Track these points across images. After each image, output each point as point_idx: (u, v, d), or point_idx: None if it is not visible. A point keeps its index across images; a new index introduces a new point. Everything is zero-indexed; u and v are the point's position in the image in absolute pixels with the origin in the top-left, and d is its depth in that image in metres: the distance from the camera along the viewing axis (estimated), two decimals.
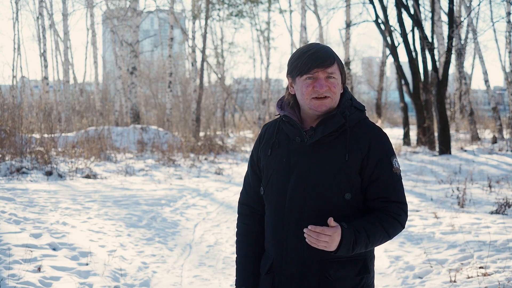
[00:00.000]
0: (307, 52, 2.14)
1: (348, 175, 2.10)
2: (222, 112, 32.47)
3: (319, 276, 2.12)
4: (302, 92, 2.14)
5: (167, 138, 17.65)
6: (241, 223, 2.36)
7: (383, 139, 2.17)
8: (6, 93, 22.16)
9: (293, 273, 2.15)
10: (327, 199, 2.10)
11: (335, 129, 2.12)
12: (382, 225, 2.08)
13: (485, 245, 5.64)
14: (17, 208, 6.90)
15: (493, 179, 10.52)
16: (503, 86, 38.03)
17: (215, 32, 30.95)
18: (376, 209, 2.13)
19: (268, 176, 2.22)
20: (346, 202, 2.11)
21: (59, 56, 29.30)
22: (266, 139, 2.28)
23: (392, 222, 2.10)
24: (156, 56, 40.09)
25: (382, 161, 2.13)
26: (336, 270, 2.11)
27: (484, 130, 23.58)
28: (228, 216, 8.21)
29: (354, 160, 2.11)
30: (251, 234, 2.32)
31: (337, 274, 2.12)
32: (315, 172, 2.12)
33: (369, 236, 2.05)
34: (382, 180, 2.12)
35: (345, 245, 2.01)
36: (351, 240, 2.01)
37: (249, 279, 2.30)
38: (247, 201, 2.35)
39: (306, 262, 2.13)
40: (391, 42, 18.97)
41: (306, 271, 2.13)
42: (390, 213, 2.11)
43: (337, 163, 2.11)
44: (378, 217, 2.09)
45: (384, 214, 2.11)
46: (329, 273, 2.11)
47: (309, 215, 2.11)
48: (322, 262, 2.11)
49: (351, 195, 2.11)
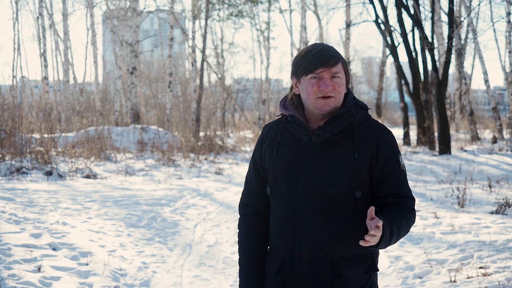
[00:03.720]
0: (311, 51, 2.15)
1: (358, 173, 2.12)
2: (222, 112, 32.48)
3: (331, 274, 2.13)
4: (307, 92, 2.15)
5: (167, 138, 17.66)
6: (244, 224, 2.35)
7: (390, 137, 2.20)
8: (6, 93, 22.17)
9: (305, 272, 2.15)
10: (338, 197, 2.12)
11: (343, 128, 2.14)
12: (404, 217, 2.11)
13: (485, 245, 5.64)
14: (17, 208, 6.90)
15: (493, 179, 10.52)
16: (503, 86, 38.04)
17: (215, 32, 30.95)
18: (389, 204, 2.15)
19: (275, 176, 2.22)
20: (356, 200, 2.13)
21: (59, 56, 29.30)
22: (270, 139, 2.27)
23: (409, 215, 2.14)
24: (156, 56, 40.08)
25: (391, 159, 2.16)
26: (347, 268, 2.13)
27: (484, 130, 23.59)
28: (228, 216, 8.21)
29: (363, 158, 2.13)
30: (255, 235, 2.32)
31: (349, 272, 2.13)
32: (325, 171, 2.13)
33: (398, 228, 2.06)
34: (393, 177, 2.15)
35: (385, 237, 2.01)
36: (389, 232, 2.01)
37: (254, 281, 2.29)
38: (249, 202, 2.34)
39: (318, 261, 2.14)
40: (391, 42, 18.97)
41: (318, 270, 2.14)
42: (405, 206, 2.15)
43: (346, 161, 2.13)
44: (398, 211, 2.12)
45: (400, 208, 2.14)
46: (341, 271, 2.12)
47: (320, 214, 2.12)
48: (334, 261, 2.13)
49: (361, 193, 2.13)
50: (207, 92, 32.60)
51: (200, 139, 19.31)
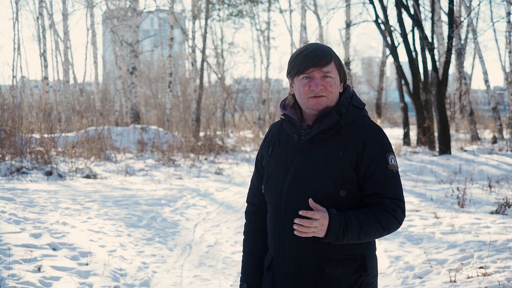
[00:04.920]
0: (304, 51, 2.16)
1: (342, 172, 2.11)
2: (222, 112, 32.46)
3: (314, 273, 2.13)
4: (299, 92, 2.17)
5: (167, 138, 17.65)
6: (247, 221, 2.41)
7: (379, 136, 2.17)
8: (6, 93, 22.17)
9: (290, 270, 2.17)
10: (322, 196, 2.11)
11: (329, 126, 2.13)
12: (376, 217, 2.08)
13: (485, 245, 5.64)
14: (17, 208, 6.90)
15: (493, 179, 10.52)
16: (503, 86, 38.03)
17: (215, 32, 30.95)
18: (371, 204, 2.13)
19: (268, 174, 2.26)
20: (341, 199, 2.11)
21: (59, 56, 29.31)
22: (269, 139, 2.32)
23: (386, 216, 2.10)
24: (156, 56, 40.07)
25: (377, 158, 2.13)
26: (332, 268, 2.12)
27: (484, 130, 23.58)
28: (228, 216, 8.21)
29: (348, 157, 2.12)
30: (255, 232, 2.36)
31: (333, 272, 2.12)
32: (309, 169, 2.14)
33: (361, 226, 2.05)
34: (377, 176, 2.12)
35: (334, 230, 2.01)
36: (341, 226, 2.02)
37: (251, 276, 2.32)
38: (252, 200, 2.39)
39: (302, 259, 2.14)
40: (391, 42, 18.97)
41: (302, 268, 2.15)
42: (385, 207, 2.11)
43: (331, 160, 2.12)
44: (372, 210, 2.10)
45: (378, 208, 2.11)
46: (325, 271, 2.12)
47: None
48: (318, 259, 2.12)
49: (346, 192, 2.11)
50: (207, 92, 32.59)
51: (200, 139, 19.31)
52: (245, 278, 2.34)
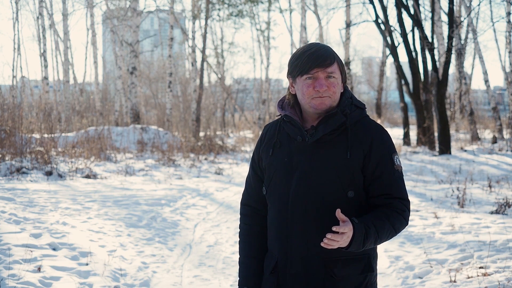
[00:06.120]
0: (307, 51, 2.14)
1: (350, 173, 2.11)
2: (222, 112, 32.47)
3: (323, 274, 2.13)
4: (303, 92, 2.15)
5: (167, 138, 17.65)
6: (243, 224, 2.37)
7: (385, 136, 2.18)
8: (6, 93, 22.18)
9: (298, 271, 2.16)
10: (329, 197, 2.11)
11: (336, 127, 2.13)
12: (389, 220, 2.09)
13: (485, 245, 5.63)
14: (17, 208, 6.90)
15: (493, 179, 10.52)
16: (503, 86, 38.03)
17: (215, 32, 30.95)
18: (380, 205, 2.14)
19: (270, 176, 2.24)
20: (348, 200, 2.12)
21: (59, 56, 29.30)
22: (267, 140, 2.29)
23: (397, 217, 2.11)
24: (156, 56, 40.07)
25: (384, 159, 2.14)
26: (340, 268, 2.12)
27: (484, 130, 23.58)
28: (228, 216, 8.21)
29: (356, 158, 2.12)
30: (253, 235, 2.33)
31: (342, 272, 2.13)
32: (317, 170, 2.13)
33: (378, 231, 2.05)
34: (385, 177, 2.13)
35: (357, 240, 2.01)
36: (363, 235, 2.02)
37: (251, 279, 2.31)
38: (248, 202, 2.36)
39: (310, 261, 2.14)
40: (391, 42, 18.97)
41: (311, 269, 2.14)
42: (395, 208, 2.12)
43: (339, 161, 2.12)
44: (384, 213, 2.10)
45: (389, 210, 2.12)
46: (334, 272, 2.12)
47: (312, 213, 2.12)
48: (327, 261, 2.12)
49: (353, 193, 2.12)
50: (207, 92, 32.59)
51: (200, 139, 19.31)
52: (245, 282, 2.32)
